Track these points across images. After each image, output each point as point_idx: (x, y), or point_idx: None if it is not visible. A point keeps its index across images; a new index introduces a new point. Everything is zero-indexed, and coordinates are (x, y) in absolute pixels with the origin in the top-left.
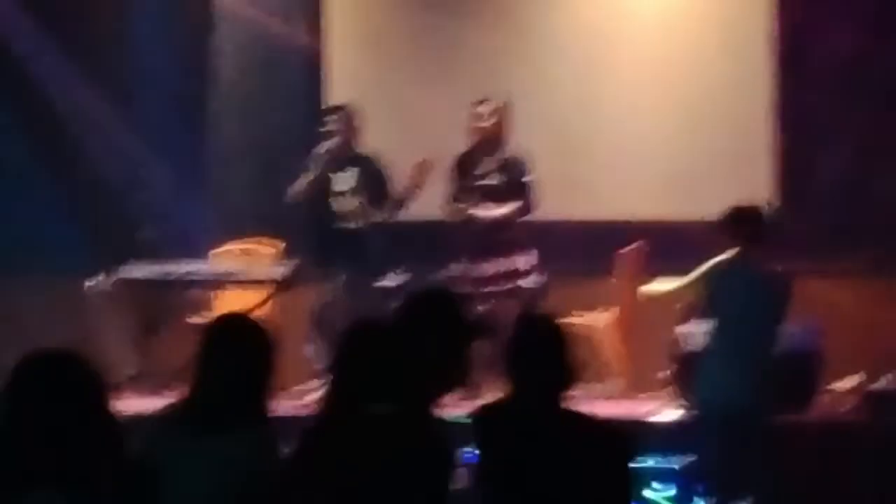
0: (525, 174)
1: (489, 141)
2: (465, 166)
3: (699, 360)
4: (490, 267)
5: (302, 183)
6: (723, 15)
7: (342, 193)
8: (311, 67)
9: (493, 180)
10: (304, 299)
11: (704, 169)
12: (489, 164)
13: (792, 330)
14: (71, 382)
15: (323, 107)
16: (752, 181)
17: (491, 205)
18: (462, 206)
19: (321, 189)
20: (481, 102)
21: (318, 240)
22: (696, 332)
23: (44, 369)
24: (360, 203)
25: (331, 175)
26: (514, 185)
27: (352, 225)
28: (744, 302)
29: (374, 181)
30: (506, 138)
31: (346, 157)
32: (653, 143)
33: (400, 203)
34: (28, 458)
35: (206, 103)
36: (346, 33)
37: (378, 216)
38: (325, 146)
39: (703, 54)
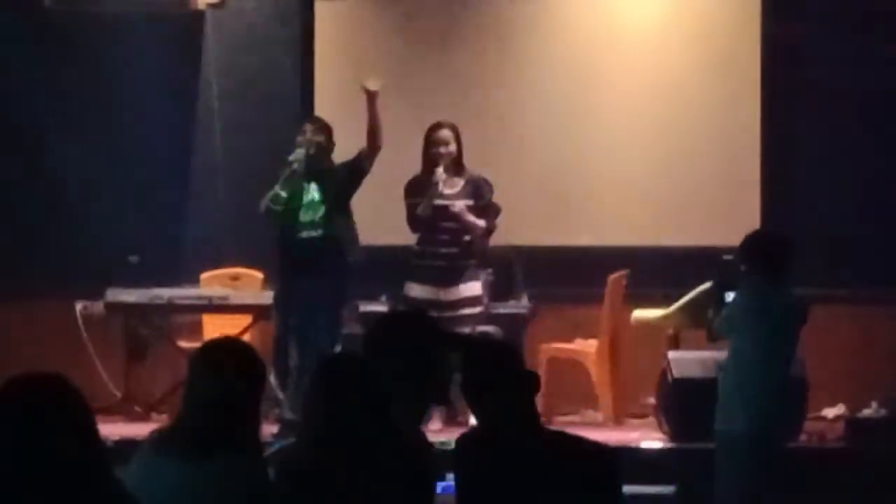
0: (491, 195)
1: (455, 164)
2: (434, 188)
3: (720, 387)
4: (450, 293)
5: (273, 193)
6: (712, 43)
7: (310, 204)
8: (299, 92)
9: (466, 200)
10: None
11: (693, 196)
12: (455, 185)
13: None
14: (55, 405)
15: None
16: (741, 209)
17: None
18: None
19: (292, 200)
20: (440, 127)
21: (281, 253)
22: (684, 358)
23: (28, 392)
24: (325, 212)
25: (304, 184)
26: (482, 207)
27: (314, 234)
28: (771, 326)
29: (340, 187)
30: (462, 160)
31: (318, 168)
32: (641, 170)
33: (373, 146)
34: (13, 481)
35: (193, 127)
36: (334, 58)
37: (343, 227)
38: (299, 155)
39: (693, 82)
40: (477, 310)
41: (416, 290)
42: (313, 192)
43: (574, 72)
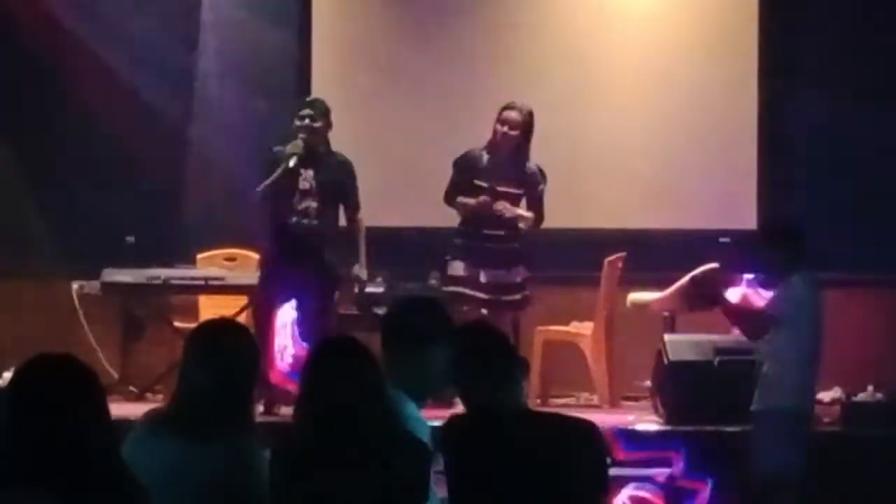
0: (543, 187)
1: (516, 150)
2: (484, 169)
3: (776, 366)
4: (495, 276)
5: (273, 178)
6: (710, 27)
7: (306, 191)
8: (296, 72)
9: (513, 189)
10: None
11: (689, 179)
12: (511, 172)
13: None
14: (74, 385)
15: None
16: (737, 192)
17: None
18: (485, 198)
19: (289, 185)
20: (512, 108)
21: (275, 238)
22: (679, 341)
23: (47, 371)
24: (319, 203)
25: (300, 171)
26: (532, 197)
27: (307, 223)
28: (822, 309)
29: (336, 182)
30: (527, 150)
31: (315, 155)
32: (638, 153)
33: None
34: (28, 458)
35: (190, 106)
36: (333, 42)
37: (333, 218)
38: (297, 149)
39: (690, 66)
40: (517, 297)
41: (458, 270)
42: (308, 181)
43: (571, 56)
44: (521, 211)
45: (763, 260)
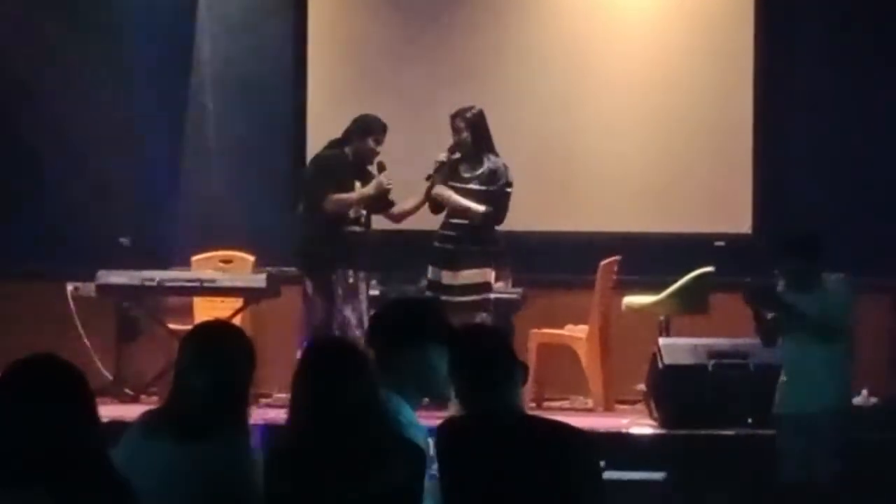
0: (502, 184)
1: (467, 152)
2: (450, 173)
3: (837, 368)
4: (461, 277)
5: (351, 204)
6: (706, 31)
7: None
8: (292, 75)
9: (473, 186)
10: (283, 308)
11: (685, 183)
12: (468, 170)
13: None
14: (60, 385)
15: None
16: (732, 196)
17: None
18: (432, 188)
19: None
20: (455, 115)
21: (326, 245)
22: (674, 345)
23: (33, 372)
24: (366, 214)
25: (354, 182)
26: (491, 194)
27: (357, 229)
28: (856, 315)
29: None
30: (485, 147)
31: (365, 168)
32: (633, 157)
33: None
34: (14, 459)
35: (186, 108)
36: (327, 43)
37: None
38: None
39: (686, 69)
40: (476, 297)
41: (429, 272)
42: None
43: (567, 59)
44: (459, 198)
45: (793, 271)
